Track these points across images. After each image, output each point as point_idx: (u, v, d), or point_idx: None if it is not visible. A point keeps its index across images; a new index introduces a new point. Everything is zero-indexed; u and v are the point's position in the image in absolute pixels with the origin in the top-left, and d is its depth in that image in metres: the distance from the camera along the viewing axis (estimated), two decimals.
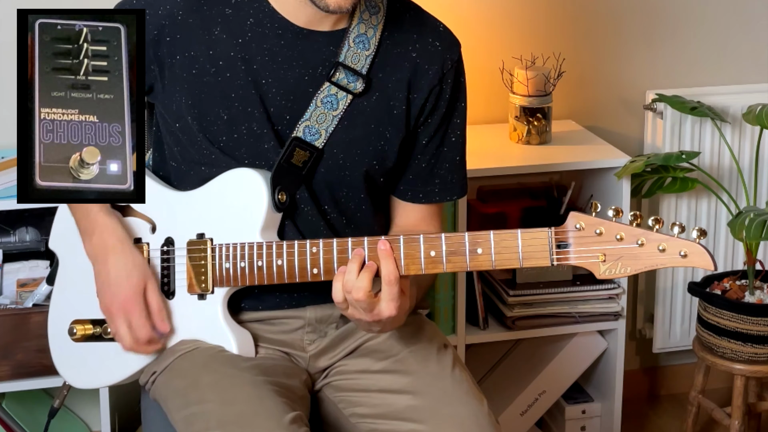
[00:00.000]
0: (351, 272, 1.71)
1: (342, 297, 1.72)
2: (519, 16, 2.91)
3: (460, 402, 1.81)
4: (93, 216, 1.89)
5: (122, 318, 1.85)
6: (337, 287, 1.72)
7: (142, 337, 1.85)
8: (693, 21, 3.01)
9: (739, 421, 2.75)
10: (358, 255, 1.73)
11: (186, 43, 1.83)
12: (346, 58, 1.83)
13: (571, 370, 2.85)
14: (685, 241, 1.62)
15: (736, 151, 2.96)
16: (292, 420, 1.73)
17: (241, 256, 1.82)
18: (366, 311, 1.72)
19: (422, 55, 1.87)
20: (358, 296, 1.70)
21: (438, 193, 1.95)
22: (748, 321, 2.68)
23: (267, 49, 1.83)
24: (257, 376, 1.81)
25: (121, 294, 1.84)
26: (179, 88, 1.84)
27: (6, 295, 2.54)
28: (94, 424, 2.78)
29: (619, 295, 2.76)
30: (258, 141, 1.84)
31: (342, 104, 1.84)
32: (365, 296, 1.70)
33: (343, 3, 1.75)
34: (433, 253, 1.71)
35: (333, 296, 1.73)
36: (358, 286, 1.70)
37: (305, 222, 1.88)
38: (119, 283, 1.84)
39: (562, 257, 1.67)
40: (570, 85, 2.92)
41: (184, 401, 1.80)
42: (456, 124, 1.92)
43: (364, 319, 1.74)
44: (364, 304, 1.71)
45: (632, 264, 1.64)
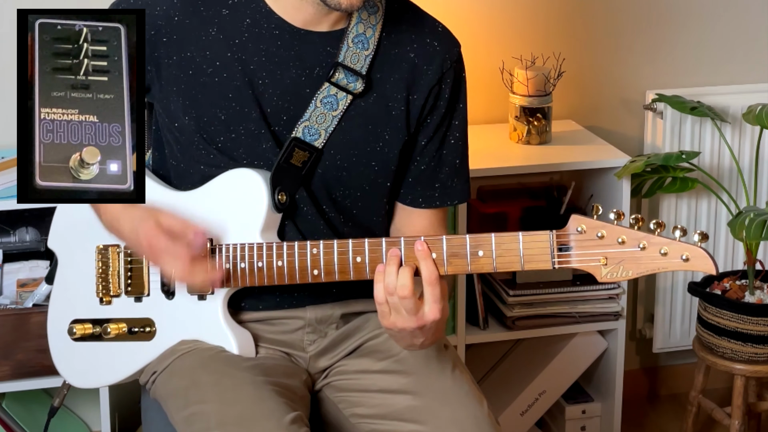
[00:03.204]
0: (390, 273, 1.68)
1: (384, 297, 1.69)
2: (519, 16, 2.91)
3: (460, 403, 1.81)
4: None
5: (159, 257, 1.78)
6: (378, 288, 1.70)
7: (185, 257, 1.76)
8: (693, 21, 3.01)
9: (739, 421, 2.75)
10: (394, 256, 1.70)
11: (182, 43, 1.83)
12: (345, 58, 1.83)
13: (571, 370, 2.85)
14: (686, 245, 1.61)
15: (736, 151, 2.96)
16: (292, 420, 1.73)
17: (242, 257, 1.82)
18: (411, 313, 1.68)
19: (421, 55, 1.87)
20: (404, 293, 1.67)
21: (438, 197, 1.93)
22: (748, 321, 2.68)
23: (264, 49, 1.83)
24: (257, 376, 1.81)
25: (144, 243, 1.79)
26: (176, 88, 1.84)
27: (6, 295, 2.54)
28: (94, 424, 2.78)
29: (619, 295, 2.76)
30: (256, 141, 1.84)
31: (342, 105, 1.84)
32: (410, 293, 1.66)
33: (355, 2, 1.74)
34: (434, 255, 1.71)
35: (375, 297, 1.70)
36: (402, 284, 1.67)
37: (305, 222, 1.88)
38: (137, 237, 1.80)
39: (563, 260, 1.67)
40: (570, 85, 2.92)
41: (185, 401, 1.80)
42: (455, 126, 1.92)
43: (408, 327, 1.70)
44: (410, 303, 1.67)
45: (634, 267, 1.64)
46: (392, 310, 1.70)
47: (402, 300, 1.67)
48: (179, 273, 1.77)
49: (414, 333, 1.72)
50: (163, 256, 1.78)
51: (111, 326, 1.91)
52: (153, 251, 1.79)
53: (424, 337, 1.73)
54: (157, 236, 1.77)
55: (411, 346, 1.79)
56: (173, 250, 1.76)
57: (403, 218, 1.95)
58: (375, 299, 1.70)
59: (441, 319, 1.70)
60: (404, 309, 1.68)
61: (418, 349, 1.80)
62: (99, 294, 1.92)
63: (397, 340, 1.79)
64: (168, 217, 1.80)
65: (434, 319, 1.69)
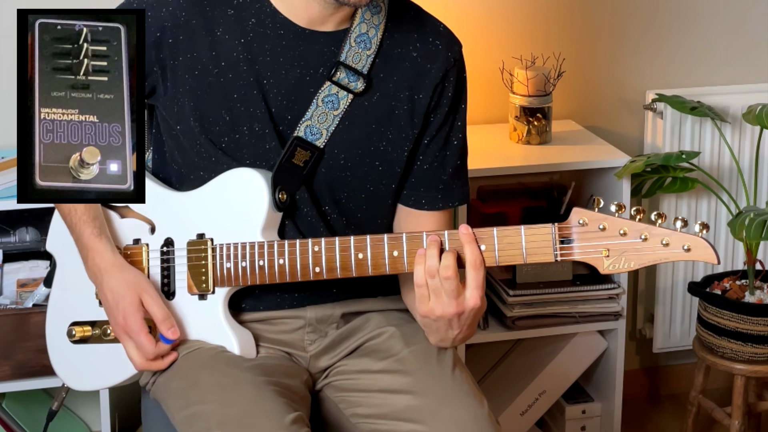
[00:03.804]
0: (432, 256, 1.68)
1: (424, 279, 1.69)
2: (519, 16, 2.91)
3: (460, 402, 1.80)
4: (84, 241, 1.88)
5: (127, 339, 1.85)
6: (418, 271, 1.70)
7: (148, 354, 1.84)
8: (693, 21, 3.01)
9: (739, 421, 2.76)
10: (435, 241, 1.70)
11: (189, 44, 1.83)
12: (347, 57, 1.83)
13: (571, 370, 2.85)
14: (688, 236, 1.62)
15: (736, 151, 2.96)
16: (293, 420, 1.73)
17: (243, 256, 1.82)
18: (452, 296, 1.68)
19: (423, 55, 1.87)
20: (447, 274, 1.67)
21: (441, 199, 1.93)
22: (748, 321, 2.68)
23: (269, 49, 1.83)
24: (258, 376, 1.81)
25: (120, 316, 1.84)
26: (182, 89, 1.84)
27: (6, 295, 2.54)
28: (94, 425, 2.78)
29: (619, 295, 2.76)
30: (260, 141, 1.84)
31: (343, 104, 1.84)
32: (455, 274, 1.67)
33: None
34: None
35: (415, 280, 1.70)
36: (445, 265, 1.67)
37: (305, 222, 1.88)
38: (116, 306, 1.84)
39: (565, 252, 1.67)
40: (570, 85, 2.92)
41: (185, 401, 1.80)
42: (458, 127, 1.92)
43: (447, 314, 1.70)
44: (452, 285, 1.67)
45: (636, 258, 1.64)
46: (432, 294, 1.70)
47: (445, 281, 1.68)
48: (137, 362, 1.85)
49: (451, 322, 1.72)
50: (131, 340, 1.84)
51: (111, 328, 1.91)
52: (125, 328, 1.84)
53: (459, 328, 1.74)
54: (134, 318, 1.83)
55: (443, 341, 1.80)
56: (141, 340, 1.83)
57: (408, 221, 1.94)
58: (415, 282, 1.71)
59: (479, 309, 1.71)
60: (445, 292, 1.69)
61: (450, 345, 1.81)
62: (99, 296, 1.92)
63: (431, 332, 1.79)
64: (153, 300, 1.84)
65: (474, 306, 1.69)
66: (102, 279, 1.86)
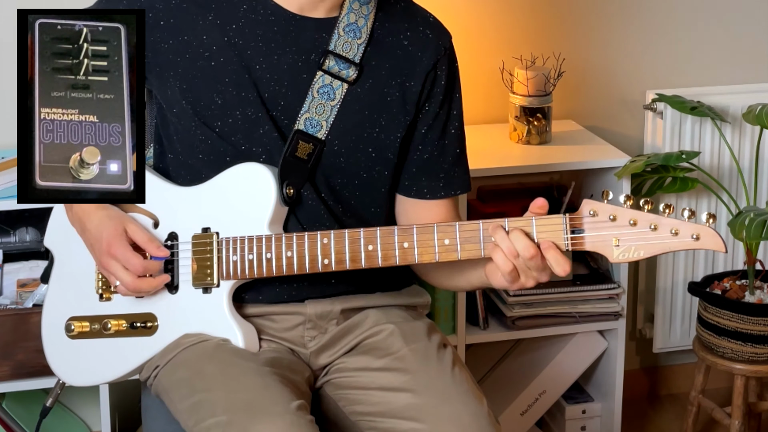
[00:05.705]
0: (503, 239, 1.69)
1: (510, 263, 1.69)
2: (519, 16, 2.91)
3: (460, 401, 1.81)
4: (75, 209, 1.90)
5: (112, 262, 1.84)
6: (499, 257, 1.69)
7: (137, 267, 1.82)
8: (693, 21, 3.02)
9: (739, 421, 2.76)
10: (498, 227, 1.70)
11: (179, 28, 1.85)
12: (336, 46, 1.85)
13: (571, 370, 2.85)
14: (696, 225, 1.64)
15: (736, 151, 2.96)
16: (298, 407, 1.73)
17: (249, 249, 1.82)
18: (540, 270, 1.69)
19: (414, 43, 1.89)
20: (530, 253, 1.67)
21: (443, 188, 1.94)
22: (748, 321, 2.68)
23: (260, 34, 1.85)
24: (263, 366, 1.81)
25: (103, 243, 1.84)
26: (173, 72, 1.86)
27: (6, 295, 2.54)
28: (94, 424, 2.78)
29: (619, 295, 2.76)
30: (253, 126, 1.85)
31: (338, 94, 1.86)
32: (536, 251, 1.67)
33: None
34: (447, 242, 1.73)
35: (500, 268, 1.70)
36: (523, 245, 1.68)
37: (305, 212, 1.88)
38: (99, 236, 1.85)
39: (576, 242, 1.69)
40: (570, 85, 2.93)
41: (190, 390, 1.80)
42: (454, 116, 1.94)
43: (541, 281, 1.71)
44: (537, 261, 1.68)
45: (646, 247, 1.66)
46: (521, 273, 1.71)
47: (529, 261, 1.68)
48: (127, 282, 1.83)
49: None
50: (116, 262, 1.83)
51: (111, 322, 1.91)
52: (109, 253, 1.83)
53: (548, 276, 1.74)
54: (119, 241, 1.83)
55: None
56: (127, 259, 1.82)
57: (413, 212, 1.95)
58: (501, 270, 1.70)
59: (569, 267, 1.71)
60: (533, 269, 1.69)
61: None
62: (99, 290, 1.93)
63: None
64: (136, 228, 1.85)
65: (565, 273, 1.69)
66: (89, 216, 1.87)
